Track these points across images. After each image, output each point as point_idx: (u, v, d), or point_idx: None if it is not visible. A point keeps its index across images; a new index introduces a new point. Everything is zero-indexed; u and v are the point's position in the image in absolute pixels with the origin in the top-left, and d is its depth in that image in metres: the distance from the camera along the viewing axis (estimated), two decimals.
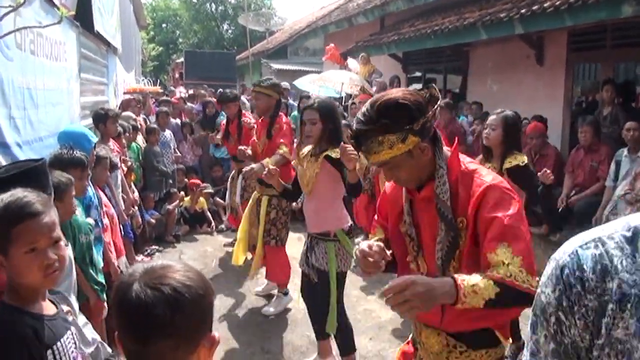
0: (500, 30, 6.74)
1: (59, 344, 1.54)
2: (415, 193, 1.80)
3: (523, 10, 6.20)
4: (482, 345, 1.79)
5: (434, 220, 1.74)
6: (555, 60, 7.03)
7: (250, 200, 4.77)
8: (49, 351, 1.50)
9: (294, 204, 5.14)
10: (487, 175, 1.71)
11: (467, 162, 1.79)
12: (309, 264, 3.38)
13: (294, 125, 6.32)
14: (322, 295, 3.30)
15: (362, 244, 1.76)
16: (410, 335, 2.11)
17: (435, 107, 1.67)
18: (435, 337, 1.86)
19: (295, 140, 4.34)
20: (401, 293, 1.41)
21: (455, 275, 1.52)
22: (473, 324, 1.73)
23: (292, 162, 3.66)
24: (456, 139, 1.82)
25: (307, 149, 3.40)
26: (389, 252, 1.73)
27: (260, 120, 4.88)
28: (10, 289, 1.54)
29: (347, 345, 3.43)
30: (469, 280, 1.50)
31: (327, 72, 10.24)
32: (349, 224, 3.39)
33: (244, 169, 4.64)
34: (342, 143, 2.89)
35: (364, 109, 1.69)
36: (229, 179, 6.05)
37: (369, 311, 4.62)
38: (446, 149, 1.78)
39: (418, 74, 11.01)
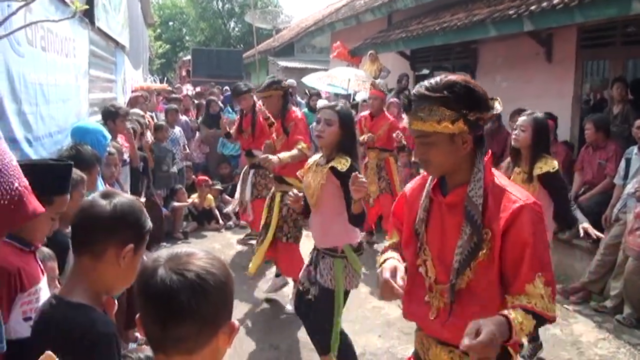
0: (509, 27, 6.69)
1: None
2: (440, 196, 1.79)
3: (532, 7, 6.15)
4: None
5: (456, 226, 1.72)
6: (565, 57, 6.97)
7: (267, 199, 4.77)
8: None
9: None
10: (520, 192, 1.71)
11: (498, 175, 1.79)
12: (310, 279, 3.17)
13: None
14: (322, 314, 3.07)
15: (386, 269, 1.74)
16: (412, 351, 2.03)
17: (492, 113, 1.71)
18: (447, 353, 1.79)
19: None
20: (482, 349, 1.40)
21: (505, 313, 1.54)
22: None
23: (298, 173, 3.46)
24: (489, 153, 1.77)
25: (313, 158, 3.26)
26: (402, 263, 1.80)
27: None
28: (83, 292, 1.50)
29: None
30: (516, 317, 1.54)
31: (334, 69, 10.21)
32: (358, 240, 3.14)
33: (259, 157, 4.57)
34: (355, 173, 2.64)
35: (435, 79, 1.68)
36: (241, 174, 6.01)
37: (377, 308, 4.62)
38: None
39: (426, 71, 10.93)
